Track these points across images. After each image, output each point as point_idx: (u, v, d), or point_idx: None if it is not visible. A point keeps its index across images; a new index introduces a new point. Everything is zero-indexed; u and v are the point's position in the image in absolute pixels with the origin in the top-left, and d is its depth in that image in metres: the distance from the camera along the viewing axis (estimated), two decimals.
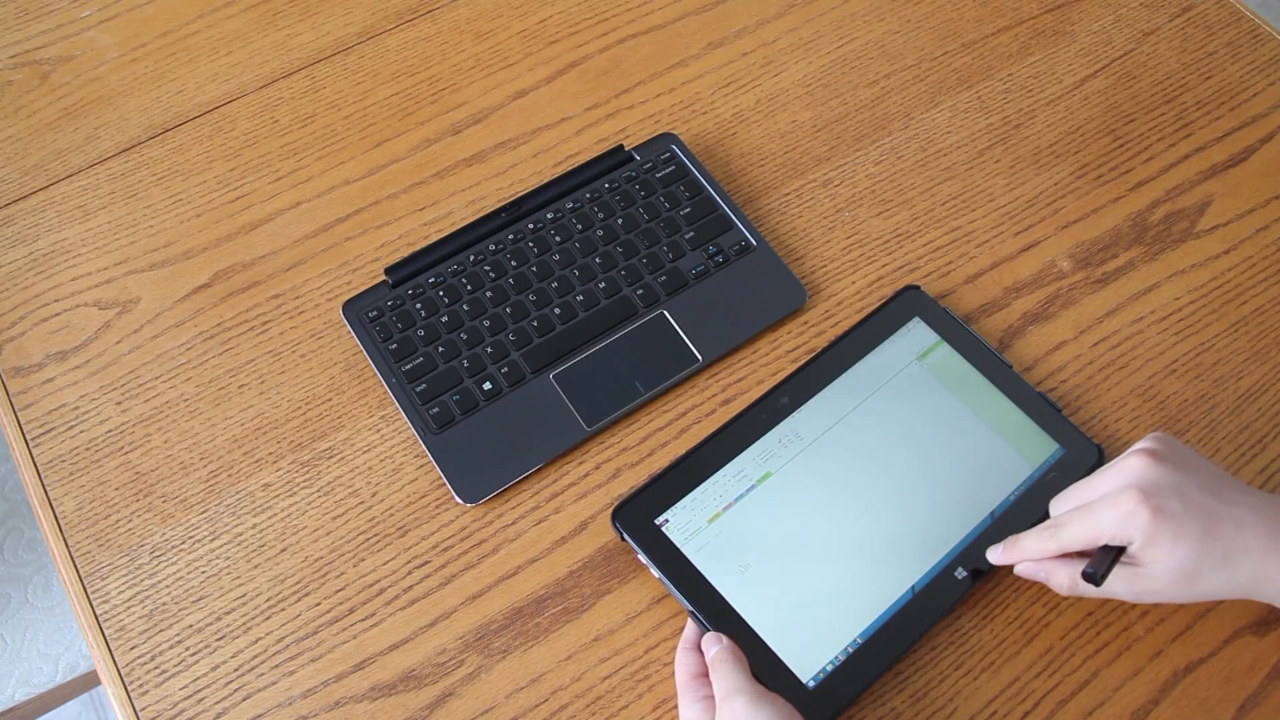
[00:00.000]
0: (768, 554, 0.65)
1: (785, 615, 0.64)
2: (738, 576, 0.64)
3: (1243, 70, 0.88)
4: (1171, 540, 0.57)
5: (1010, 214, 0.81)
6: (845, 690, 0.62)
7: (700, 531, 0.65)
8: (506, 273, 0.77)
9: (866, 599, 0.64)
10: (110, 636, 0.66)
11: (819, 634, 0.63)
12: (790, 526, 0.66)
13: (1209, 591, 0.58)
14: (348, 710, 0.64)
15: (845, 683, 0.62)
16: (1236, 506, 0.58)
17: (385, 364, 0.74)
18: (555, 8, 0.92)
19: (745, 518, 0.66)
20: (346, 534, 0.69)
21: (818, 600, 0.64)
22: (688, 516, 0.66)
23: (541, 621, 0.67)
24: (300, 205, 0.82)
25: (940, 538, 0.66)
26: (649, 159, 0.82)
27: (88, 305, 0.78)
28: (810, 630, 0.63)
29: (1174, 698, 0.64)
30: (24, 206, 0.82)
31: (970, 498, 0.67)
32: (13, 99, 0.87)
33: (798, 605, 0.64)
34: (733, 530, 0.66)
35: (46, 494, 0.71)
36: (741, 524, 0.66)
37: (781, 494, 0.67)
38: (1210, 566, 0.57)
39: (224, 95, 0.87)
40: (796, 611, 0.64)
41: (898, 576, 0.65)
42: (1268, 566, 0.57)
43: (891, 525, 0.66)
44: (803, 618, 0.64)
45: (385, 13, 0.91)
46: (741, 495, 0.66)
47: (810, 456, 0.68)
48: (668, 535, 0.65)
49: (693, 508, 0.66)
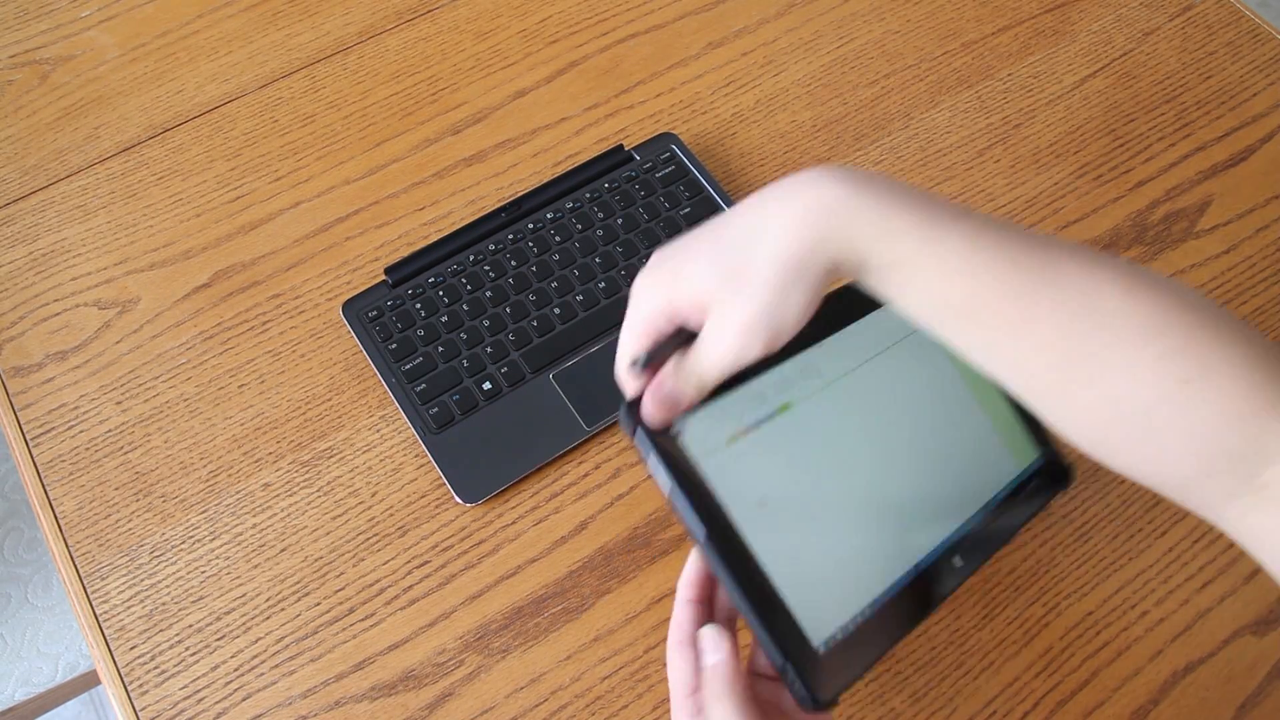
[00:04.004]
0: (787, 493, 0.58)
1: (802, 565, 0.56)
2: (755, 511, 0.56)
3: (1243, 70, 0.88)
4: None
5: (1010, 214, 0.81)
6: (850, 663, 0.56)
7: (718, 451, 0.56)
8: (506, 272, 0.77)
9: (877, 567, 0.59)
10: (110, 636, 0.66)
11: (832, 594, 0.57)
12: (810, 469, 0.60)
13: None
14: (348, 710, 0.64)
15: (850, 654, 0.56)
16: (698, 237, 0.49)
17: (385, 364, 0.74)
18: (555, 8, 0.92)
19: (765, 448, 0.58)
20: (346, 534, 0.69)
21: (834, 557, 0.58)
22: (705, 430, 0.56)
23: (541, 621, 0.67)
24: (300, 205, 0.82)
25: (943, 519, 0.63)
26: (649, 159, 0.82)
27: (88, 305, 0.78)
28: (824, 588, 0.57)
29: (1174, 698, 0.64)
30: (24, 206, 0.82)
31: (968, 484, 0.64)
32: (13, 99, 0.87)
33: (815, 557, 0.57)
34: (752, 458, 0.57)
35: (46, 494, 0.71)
36: (761, 454, 0.58)
37: (801, 430, 0.60)
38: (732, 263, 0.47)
39: (224, 95, 0.87)
40: (813, 564, 0.57)
41: (905, 550, 0.60)
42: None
43: (903, 492, 0.61)
44: (818, 572, 0.57)
45: (385, 13, 0.91)
46: (761, 422, 0.59)
47: (830, 396, 0.62)
48: (683, 446, 0.55)
49: (710, 422, 0.56)
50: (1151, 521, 0.70)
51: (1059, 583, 0.68)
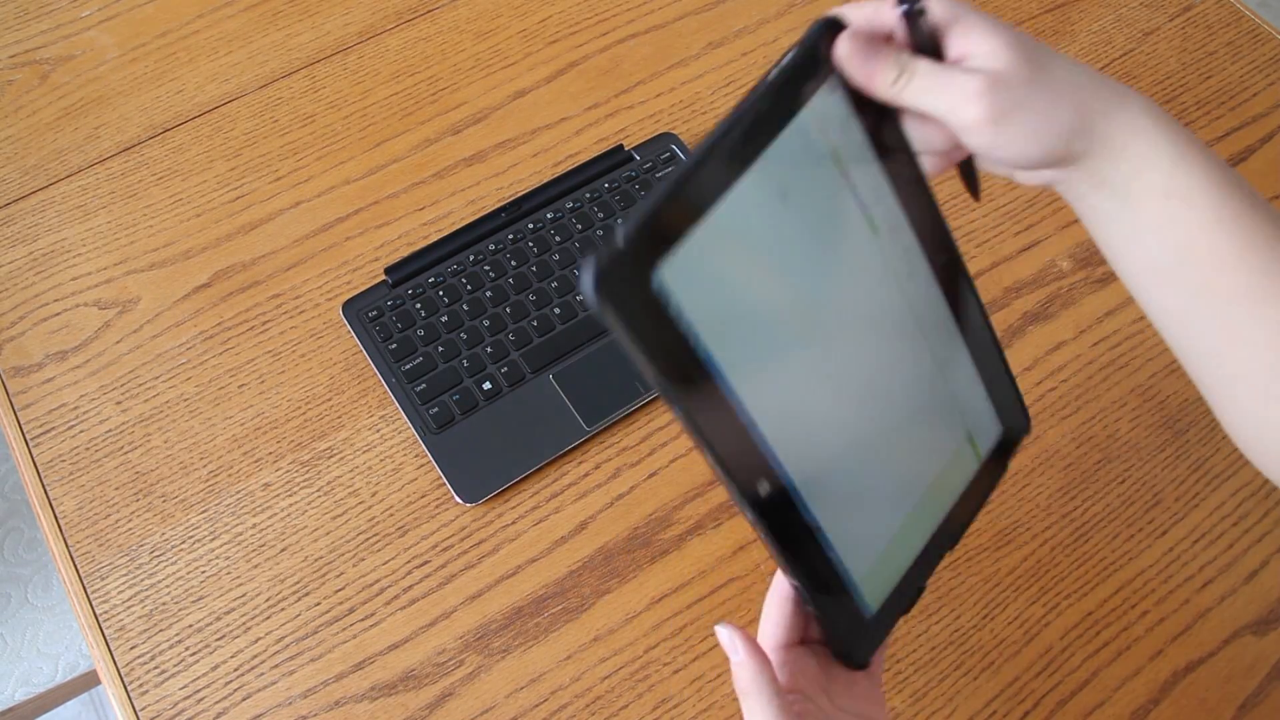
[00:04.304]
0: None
1: (843, 499, 0.45)
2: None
3: (1243, 70, 0.88)
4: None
5: (1010, 213, 0.81)
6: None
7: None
8: (506, 272, 0.77)
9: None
10: (110, 636, 0.66)
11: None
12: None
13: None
14: (347, 710, 0.64)
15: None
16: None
17: (385, 364, 0.74)
18: (555, 8, 0.92)
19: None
20: (346, 534, 0.69)
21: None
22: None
23: (541, 621, 0.67)
24: (300, 205, 0.82)
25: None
26: (649, 159, 0.82)
27: (88, 305, 0.78)
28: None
29: (1174, 698, 0.64)
30: (24, 206, 0.82)
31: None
32: (13, 99, 0.87)
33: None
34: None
35: (46, 494, 0.71)
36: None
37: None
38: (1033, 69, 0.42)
39: (224, 95, 0.87)
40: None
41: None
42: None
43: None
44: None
45: (385, 13, 0.91)
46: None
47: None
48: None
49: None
50: (1151, 521, 0.70)
51: (1059, 583, 0.68)
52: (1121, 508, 0.70)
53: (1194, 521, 0.69)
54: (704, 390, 0.39)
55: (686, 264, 0.38)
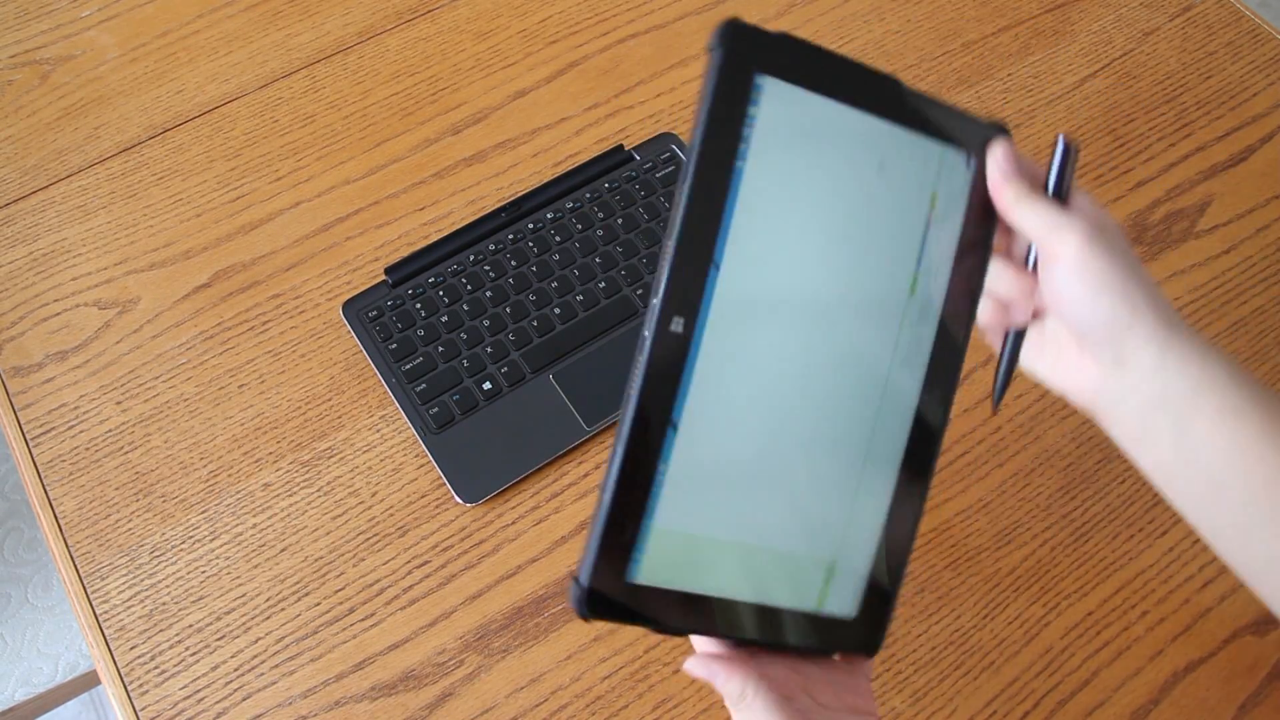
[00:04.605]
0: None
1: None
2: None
3: (1243, 70, 0.88)
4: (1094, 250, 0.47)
5: None
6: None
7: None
8: (506, 272, 0.77)
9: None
10: (110, 636, 0.66)
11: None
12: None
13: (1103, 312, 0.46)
14: (348, 710, 0.64)
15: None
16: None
17: (385, 364, 0.74)
18: (555, 8, 0.92)
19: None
20: (346, 534, 0.69)
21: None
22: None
23: (541, 621, 0.67)
24: (300, 205, 0.82)
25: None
26: (649, 159, 0.82)
27: (88, 305, 0.78)
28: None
29: (1174, 698, 0.64)
30: (24, 206, 0.82)
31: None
32: (13, 99, 0.87)
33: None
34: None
35: (46, 494, 0.71)
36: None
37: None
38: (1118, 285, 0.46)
39: (224, 95, 0.87)
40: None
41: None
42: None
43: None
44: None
45: (385, 13, 0.91)
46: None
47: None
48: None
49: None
50: (1152, 521, 0.70)
51: (1059, 583, 0.68)
52: (1121, 508, 0.70)
53: None
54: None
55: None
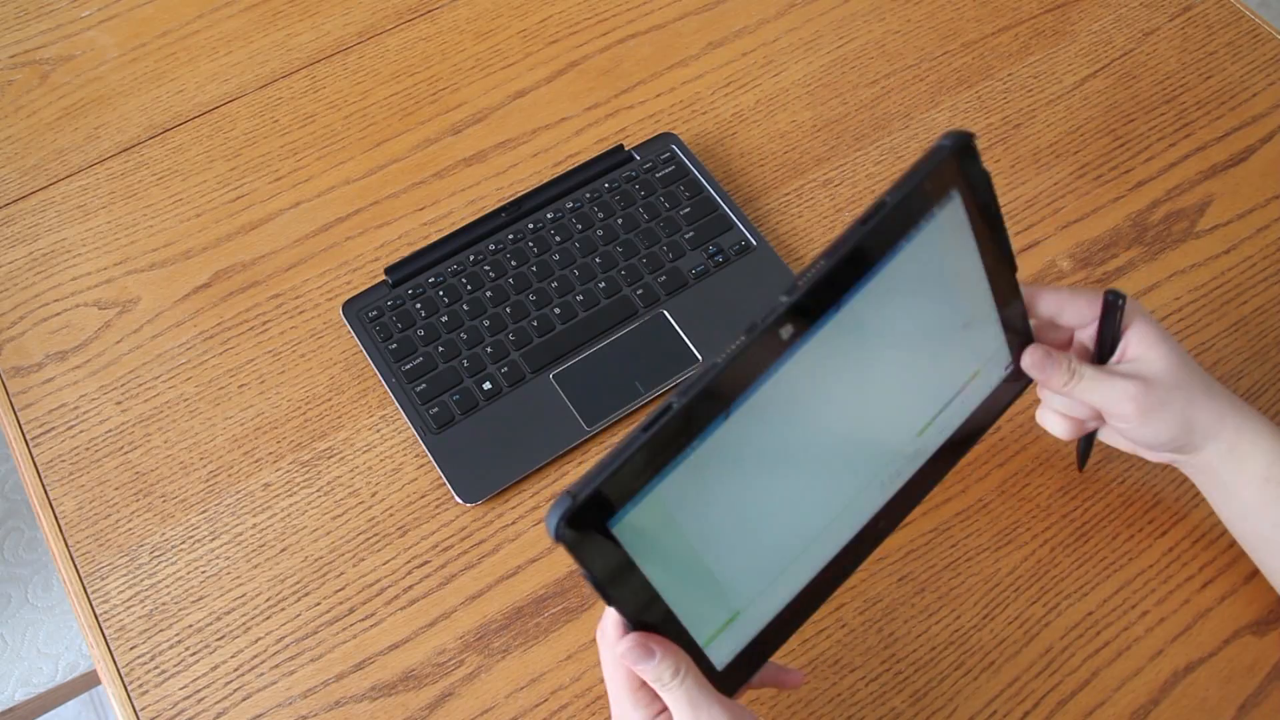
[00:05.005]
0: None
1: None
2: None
3: (1243, 70, 0.88)
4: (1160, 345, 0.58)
5: (1010, 214, 0.81)
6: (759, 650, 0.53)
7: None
8: (506, 272, 0.77)
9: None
10: (110, 636, 0.66)
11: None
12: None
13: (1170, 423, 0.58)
14: (348, 710, 0.64)
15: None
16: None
17: (385, 364, 0.74)
18: (555, 8, 0.92)
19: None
20: (346, 534, 0.69)
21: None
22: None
23: (541, 621, 0.67)
24: (300, 205, 0.82)
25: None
26: (649, 159, 0.82)
27: (88, 305, 0.78)
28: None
29: (1174, 698, 0.64)
30: (24, 206, 0.82)
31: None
32: (13, 99, 0.87)
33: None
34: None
35: (46, 494, 0.71)
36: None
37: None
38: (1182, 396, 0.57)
39: (224, 95, 0.87)
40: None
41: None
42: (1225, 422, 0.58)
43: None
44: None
45: (385, 13, 0.91)
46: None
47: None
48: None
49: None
50: (1151, 521, 0.70)
51: (1059, 583, 0.68)
52: (1121, 508, 0.70)
53: (1194, 521, 0.69)
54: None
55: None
